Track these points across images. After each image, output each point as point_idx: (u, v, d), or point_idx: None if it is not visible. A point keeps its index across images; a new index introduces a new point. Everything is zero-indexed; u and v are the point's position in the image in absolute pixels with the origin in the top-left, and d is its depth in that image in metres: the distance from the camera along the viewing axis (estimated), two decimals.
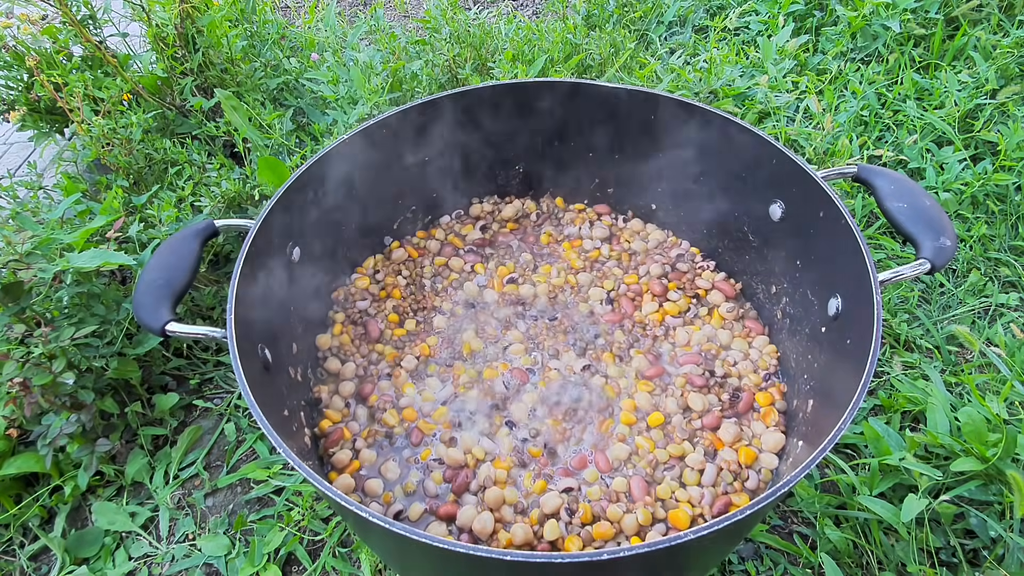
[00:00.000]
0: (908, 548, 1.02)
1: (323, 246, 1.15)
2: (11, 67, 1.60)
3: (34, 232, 1.16)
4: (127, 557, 1.14)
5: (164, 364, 1.36)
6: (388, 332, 1.17)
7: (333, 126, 1.64)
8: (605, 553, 0.59)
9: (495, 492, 0.94)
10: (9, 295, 1.09)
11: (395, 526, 0.62)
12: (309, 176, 1.05)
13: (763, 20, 2.03)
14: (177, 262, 0.92)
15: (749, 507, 0.62)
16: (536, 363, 1.11)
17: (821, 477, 1.14)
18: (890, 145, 1.66)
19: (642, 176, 1.27)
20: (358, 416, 1.07)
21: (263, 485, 1.19)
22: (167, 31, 1.64)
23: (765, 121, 1.73)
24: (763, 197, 1.09)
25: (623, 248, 1.29)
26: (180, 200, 1.42)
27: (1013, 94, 1.68)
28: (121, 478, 1.23)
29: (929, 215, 0.89)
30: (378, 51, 1.68)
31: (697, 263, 1.25)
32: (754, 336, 1.14)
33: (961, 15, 1.90)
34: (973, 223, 1.51)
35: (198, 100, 1.61)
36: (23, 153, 2.07)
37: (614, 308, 1.18)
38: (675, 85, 1.74)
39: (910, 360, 1.29)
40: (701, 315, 1.17)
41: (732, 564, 1.06)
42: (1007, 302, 1.38)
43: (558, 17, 2.22)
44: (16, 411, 1.12)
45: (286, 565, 1.11)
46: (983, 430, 1.02)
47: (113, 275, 1.36)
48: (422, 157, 1.23)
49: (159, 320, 0.85)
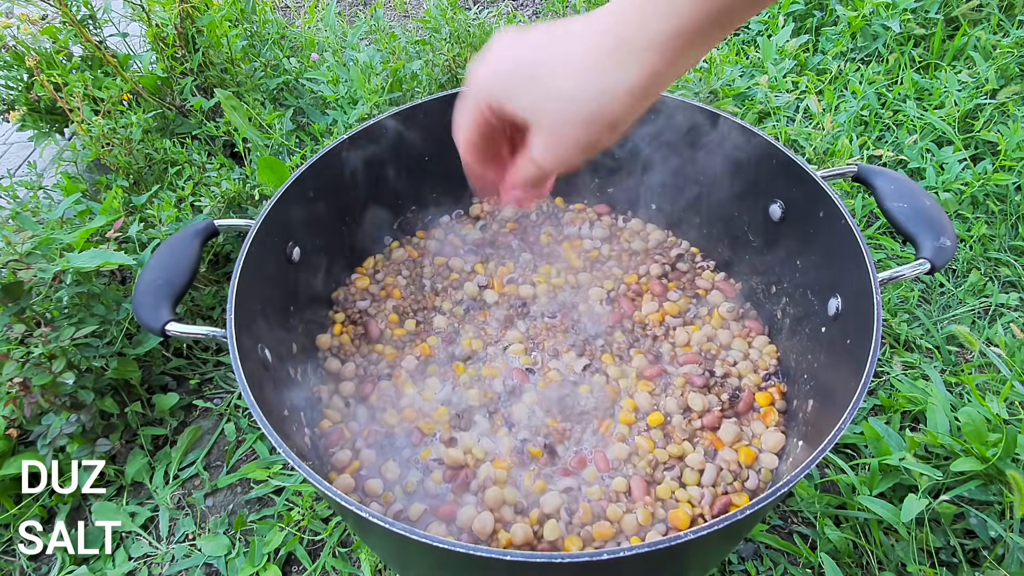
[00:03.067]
0: (908, 548, 1.02)
1: (323, 246, 1.15)
2: (11, 67, 1.60)
3: (34, 232, 1.16)
4: (127, 557, 1.14)
5: (164, 364, 1.36)
6: (388, 332, 1.17)
7: (333, 126, 1.64)
8: (605, 553, 0.59)
9: (495, 492, 0.94)
10: (9, 295, 1.09)
11: (395, 526, 0.62)
12: (309, 176, 1.05)
13: (763, 20, 2.03)
14: (177, 262, 0.92)
15: (749, 507, 0.62)
16: (536, 363, 1.11)
17: (821, 477, 1.14)
18: (890, 145, 1.66)
19: (642, 176, 1.27)
20: (358, 416, 1.07)
21: (263, 485, 1.19)
22: (167, 31, 1.64)
23: (765, 121, 1.73)
24: (763, 197, 1.09)
25: (623, 248, 1.29)
26: (180, 200, 1.42)
27: (1013, 94, 1.68)
28: (121, 478, 1.23)
29: (929, 215, 0.89)
30: (378, 51, 1.68)
31: (697, 263, 1.25)
32: (754, 336, 1.14)
33: (961, 15, 1.90)
34: (973, 223, 1.51)
35: (198, 100, 1.61)
36: (23, 153, 2.07)
37: (614, 308, 1.18)
38: (674, 85, 1.74)
39: (910, 360, 1.29)
40: (701, 315, 1.17)
41: (732, 564, 1.06)
42: (1007, 302, 1.38)
43: (558, 17, 2.22)
44: (16, 411, 1.13)
45: (286, 565, 1.11)
46: (983, 430, 1.02)
47: (113, 275, 1.36)
48: (422, 157, 1.23)
49: (159, 320, 0.85)
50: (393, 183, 1.23)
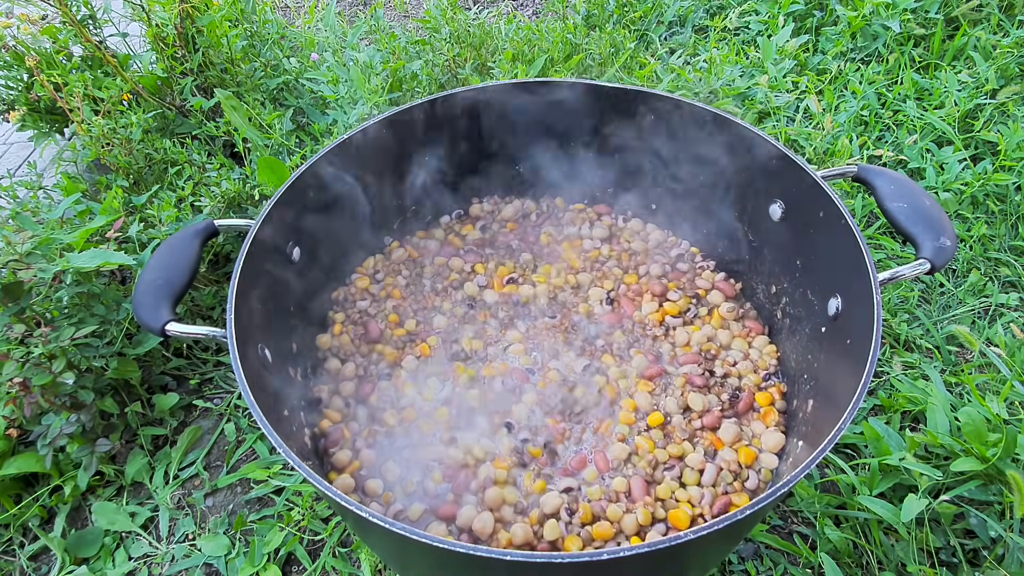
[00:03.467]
0: (908, 548, 1.02)
1: (323, 246, 1.15)
2: (11, 67, 1.60)
3: (34, 232, 1.16)
4: (127, 557, 1.14)
5: (164, 364, 1.36)
6: (388, 332, 1.17)
7: (333, 126, 1.64)
8: (605, 553, 0.59)
9: (495, 492, 0.94)
10: (9, 295, 1.09)
11: (395, 526, 0.62)
12: (309, 176, 1.05)
13: (763, 20, 2.03)
14: (177, 262, 0.92)
15: (749, 507, 0.62)
16: (536, 363, 1.11)
17: (821, 477, 1.14)
18: (890, 145, 1.66)
19: (642, 176, 1.27)
20: (358, 416, 1.07)
21: (263, 485, 1.19)
22: (167, 31, 1.64)
23: (765, 121, 1.73)
24: (763, 197, 1.09)
25: (623, 248, 1.29)
26: (180, 200, 1.42)
27: (1013, 94, 1.68)
28: (121, 478, 1.23)
29: (929, 215, 0.89)
30: (378, 51, 1.68)
31: (697, 263, 1.25)
32: (754, 336, 1.14)
33: (961, 15, 1.90)
34: (973, 223, 1.51)
35: (198, 100, 1.61)
36: (23, 153, 2.07)
37: (614, 308, 1.18)
38: (675, 85, 1.74)
39: (910, 360, 1.29)
40: (701, 315, 1.17)
41: (732, 564, 1.06)
42: (1007, 302, 1.38)
43: (558, 17, 2.22)
44: (16, 411, 1.12)
45: (286, 565, 1.11)
46: (983, 430, 1.02)
47: (113, 275, 1.36)
48: (422, 157, 1.23)
49: (159, 320, 0.85)
50: (393, 183, 1.23)
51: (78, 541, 1.15)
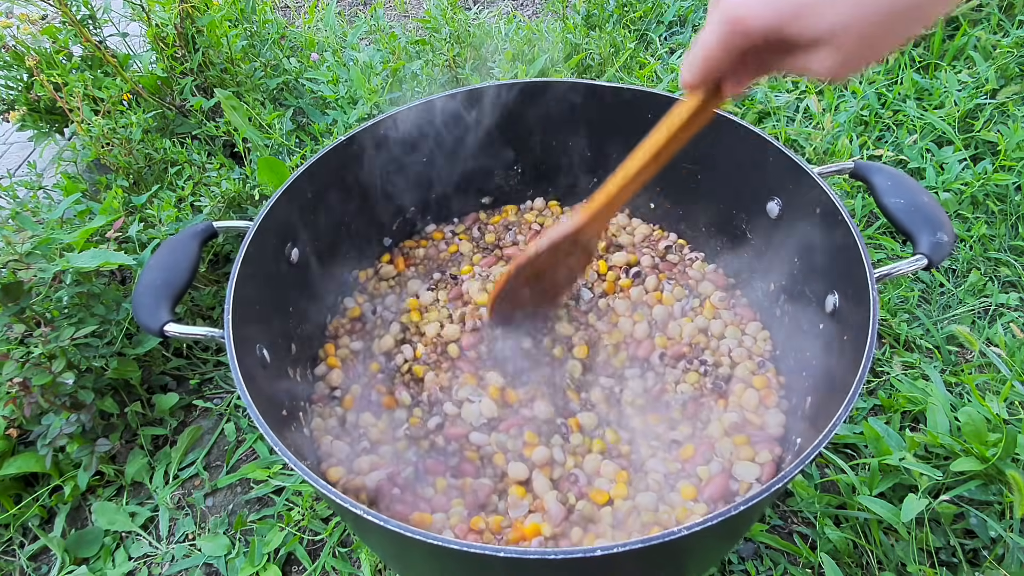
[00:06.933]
0: (908, 548, 1.02)
1: (322, 247, 1.15)
2: (11, 67, 1.61)
3: (34, 232, 1.16)
4: (127, 557, 1.14)
5: (164, 364, 1.36)
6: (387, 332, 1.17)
7: (333, 126, 1.64)
8: (599, 549, 0.59)
9: (495, 491, 0.94)
10: (9, 295, 1.09)
11: (395, 526, 0.62)
12: (308, 176, 1.05)
13: None
14: (176, 263, 0.92)
15: (744, 502, 0.62)
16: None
17: (821, 477, 1.14)
18: (890, 145, 1.66)
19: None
20: (358, 416, 1.06)
21: (263, 485, 1.19)
22: (167, 31, 1.64)
23: (765, 121, 1.73)
24: (761, 195, 1.09)
25: (612, 241, 1.28)
26: (180, 200, 1.42)
27: (1013, 94, 1.67)
28: (121, 478, 1.23)
29: (926, 211, 0.89)
30: (378, 51, 1.68)
31: (686, 254, 1.25)
32: (746, 323, 1.13)
33: (961, 15, 1.90)
34: (973, 223, 1.51)
35: (198, 100, 1.62)
36: (23, 153, 2.07)
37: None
38: (675, 85, 1.74)
39: (910, 360, 1.28)
40: (694, 306, 1.17)
41: (732, 564, 1.06)
42: (1007, 302, 1.38)
43: (558, 17, 2.22)
44: (16, 411, 1.13)
45: (286, 565, 1.11)
46: (983, 430, 1.01)
47: (113, 275, 1.36)
48: (421, 158, 1.23)
49: (158, 321, 0.85)
50: (393, 185, 1.23)
51: (78, 541, 1.15)
